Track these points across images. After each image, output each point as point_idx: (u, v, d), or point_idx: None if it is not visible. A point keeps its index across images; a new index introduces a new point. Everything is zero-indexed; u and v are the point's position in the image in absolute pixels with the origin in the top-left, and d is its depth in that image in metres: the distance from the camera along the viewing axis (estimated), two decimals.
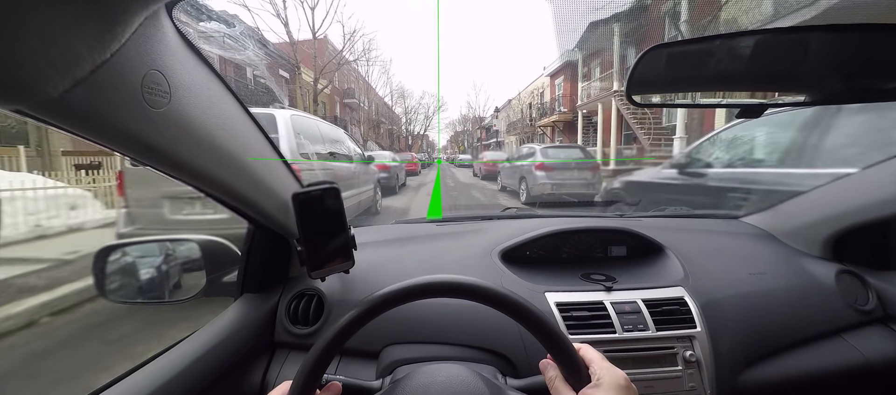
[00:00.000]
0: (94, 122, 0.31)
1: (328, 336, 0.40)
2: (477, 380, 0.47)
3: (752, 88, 0.61)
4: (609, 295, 0.75)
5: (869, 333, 0.79)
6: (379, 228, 1.16)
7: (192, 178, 0.47)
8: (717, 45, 0.56)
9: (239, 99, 0.52)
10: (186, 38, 0.40)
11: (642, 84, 0.61)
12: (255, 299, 0.75)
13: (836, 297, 0.81)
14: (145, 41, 0.33)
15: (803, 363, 0.74)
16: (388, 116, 44.89)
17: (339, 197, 0.62)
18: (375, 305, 0.41)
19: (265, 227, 0.70)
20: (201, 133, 0.43)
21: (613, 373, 0.40)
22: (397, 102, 46.52)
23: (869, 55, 0.52)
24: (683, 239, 0.96)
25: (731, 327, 0.73)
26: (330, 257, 0.63)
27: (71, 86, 0.27)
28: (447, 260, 0.89)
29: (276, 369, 0.70)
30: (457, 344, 0.69)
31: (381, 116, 40.93)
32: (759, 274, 0.84)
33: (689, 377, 0.67)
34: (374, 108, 38.21)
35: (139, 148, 0.37)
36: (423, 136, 57.23)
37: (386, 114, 43.58)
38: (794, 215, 1.03)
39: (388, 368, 0.66)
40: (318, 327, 0.73)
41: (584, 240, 0.96)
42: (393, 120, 46.86)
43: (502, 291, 0.42)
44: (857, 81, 0.54)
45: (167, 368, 0.55)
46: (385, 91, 40.92)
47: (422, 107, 51.63)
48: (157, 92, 0.35)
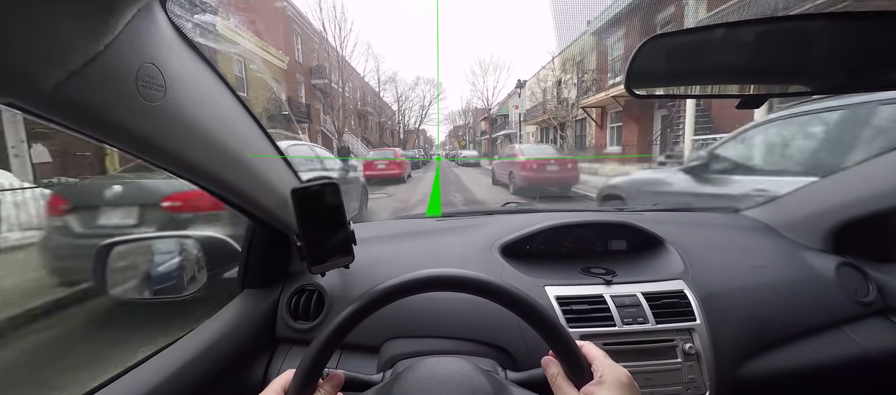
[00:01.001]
0: (88, 116, 0.31)
1: (330, 330, 0.40)
2: (477, 373, 0.47)
3: (755, 78, 0.60)
4: (609, 288, 0.75)
5: (869, 325, 0.80)
6: (379, 223, 1.16)
7: (190, 173, 0.47)
8: (718, 34, 0.56)
9: (236, 94, 0.52)
10: (181, 31, 0.40)
11: (641, 76, 0.60)
12: (256, 295, 0.75)
13: (837, 289, 0.81)
14: (139, 34, 0.33)
15: (803, 355, 0.74)
16: (376, 106, 38.22)
17: (338, 192, 0.62)
18: (376, 299, 0.41)
19: (265, 223, 0.70)
20: (198, 128, 0.43)
21: (616, 371, 0.40)
22: (387, 87, 39.70)
23: (875, 44, 0.51)
24: (683, 233, 0.96)
25: (731, 319, 0.73)
26: (330, 252, 0.63)
27: (64, 79, 0.26)
28: (447, 255, 0.89)
29: (278, 364, 0.71)
30: (457, 338, 0.70)
31: (367, 105, 34.28)
32: (759, 267, 0.84)
33: (689, 369, 0.67)
34: (358, 94, 31.67)
35: (134, 143, 0.37)
36: (420, 131, 51.71)
37: (373, 103, 36.94)
38: (794, 208, 1.03)
39: (389, 362, 0.66)
40: (318, 323, 0.73)
41: (584, 234, 0.96)
42: (381, 110, 40.23)
43: (503, 285, 0.42)
44: (862, 71, 0.53)
45: (170, 363, 0.55)
46: (372, 78, 34.86)
47: (416, 96, 45.02)
48: (152, 85, 0.35)
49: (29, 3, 0.22)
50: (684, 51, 0.59)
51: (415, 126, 46.08)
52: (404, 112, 45.06)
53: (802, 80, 0.59)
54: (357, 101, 31.08)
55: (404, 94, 44.12)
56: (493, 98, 42.24)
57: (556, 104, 19.52)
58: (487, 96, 43.08)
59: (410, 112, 46.03)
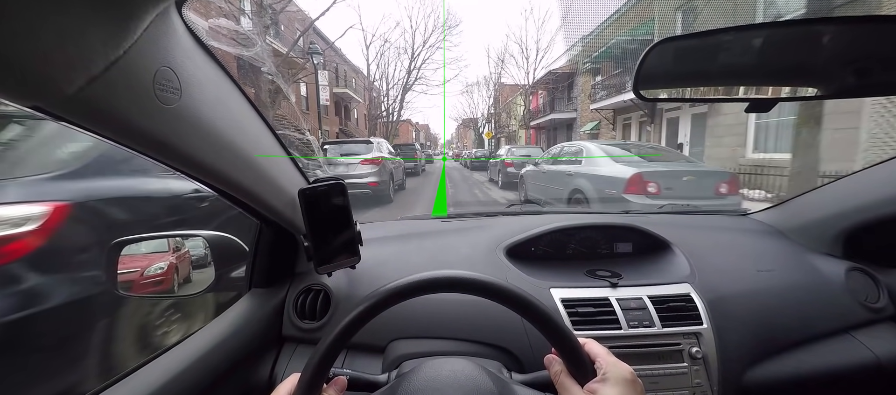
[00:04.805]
0: (108, 118, 0.32)
1: (335, 331, 0.41)
2: (482, 374, 0.47)
3: (763, 81, 0.60)
4: (615, 291, 0.74)
5: (880, 330, 0.78)
6: (384, 224, 1.17)
7: (202, 174, 0.48)
8: (727, 38, 0.56)
9: (247, 96, 0.53)
10: (196, 35, 0.41)
11: (650, 79, 0.60)
12: (263, 294, 0.76)
13: (846, 294, 0.80)
14: (156, 38, 0.33)
15: (812, 361, 0.73)
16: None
17: (345, 193, 0.63)
18: (382, 300, 0.41)
19: (273, 223, 0.71)
20: (211, 129, 0.44)
21: (619, 368, 0.40)
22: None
23: (883, 47, 0.51)
24: (690, 236, 0.95)
25: (738, 324, 0.72)
26: (336, 252, 0.63)
27: (86, 83, 0.27)
28: (452, 256, 0.90)
29: (284, 362, 0.71)
30: (462, 339, 0.70)
31: (347, 87, 20.97)
32: (767, 271, 0.83)
33: (695, 373, 0.67)
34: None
35: (150, 144, 0.38)
36: (422, 127, 32.96)
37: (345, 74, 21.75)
38: (804, 211, 1.02)
39: (394, 362, 0.66)
40: (324, 322, 0.74)
41: (589, 236, 0.95)
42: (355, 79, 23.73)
43: (507, 286, 0.42)
44: (870, 74, 0.53)
45: (178, 361, 0.56)
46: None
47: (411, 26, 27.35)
48: (168, 88, 0.35)
49: (58, 12, 0.23)
50: (693, 54, 0.59)
51: (398, 98, 23.59)
52: (386, 73, 23.83)
53: (811, 83, 0.59)
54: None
55: (385, 36, 27.41)
56: (538, 60, 23.72)
57: None
58: (531, 57, 24.61)
59: (396, 69, 27.12)
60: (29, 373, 1.11)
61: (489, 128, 32.66)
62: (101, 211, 1.39)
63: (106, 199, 1.41)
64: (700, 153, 9.74)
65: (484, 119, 36.05)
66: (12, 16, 0.21)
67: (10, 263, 1.13)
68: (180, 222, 1.64)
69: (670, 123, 11.57)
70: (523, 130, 24.87)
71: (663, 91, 0.67)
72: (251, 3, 9.77)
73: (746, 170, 7.34)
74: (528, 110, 23.35)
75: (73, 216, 1.28)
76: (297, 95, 16.01)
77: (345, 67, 23.27)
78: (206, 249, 0.81)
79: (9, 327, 1.08)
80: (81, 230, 1.31)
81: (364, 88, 23.93)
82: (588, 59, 15.70)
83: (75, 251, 1.28)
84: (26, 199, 1.21)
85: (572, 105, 18.36)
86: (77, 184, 1.35)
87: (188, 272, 1.02)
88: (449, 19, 44.43)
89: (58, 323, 1.19)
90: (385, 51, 26.97)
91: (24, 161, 1.34)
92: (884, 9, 5.50)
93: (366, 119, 24.00)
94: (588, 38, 16.24)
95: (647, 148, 5.38)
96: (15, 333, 1.10)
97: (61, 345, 1.23)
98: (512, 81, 27.76)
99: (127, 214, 1.46)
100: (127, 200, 1.49)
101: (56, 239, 1.21)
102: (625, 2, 13.47)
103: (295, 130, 7.59)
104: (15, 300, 1.11)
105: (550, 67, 20.37)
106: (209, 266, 0.79)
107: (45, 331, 1.17)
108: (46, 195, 1.25)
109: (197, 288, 0.79)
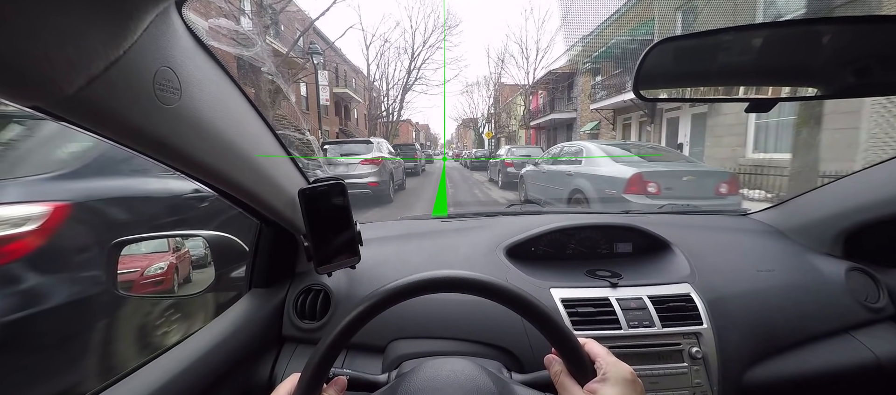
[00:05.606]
0: (108, 118, 0.32)
1: (335, 331, 0.41)
2: (482, 374, 0.47)
3: (763, 81, 0.60)
4: (615, 291, 0.74)
5: (880, 330, 0.79)
6: (384, 224, 1.17)
7: (202, 174, 0.48)
8: (727, 37, 0.56)
9: (247, 96, 0.53)
10: (196, 35, 0.41)
11: (650, 79, 0.60)
12: (263, 294, 0.76)
13: (846, 294, 0.81)
14: (156, 38, 0.33)
15: (812, 361, 0.73)
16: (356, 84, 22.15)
17: (345, 193, 0.63)
18: (382, 300, 0.41)
19: (273, 223, 0.71)
20: (211, 129, 0.44)
21: (619, 367, 0.40)
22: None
23: (883, 47, 0.51)
24: (690, 236, 0.95)
25: (739, 324, 0.72)
26: (336, 252, 0.63)
27: (86, 83, 0.27)
28: (453, 256, 0.90)
29: (284, 362, 0.72)
30: (462, 339, 0.70)
31: (348, 87, 21.00)
32: (767, 271, 0.83)
33: (695, 373, 0.67)
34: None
35: (150, 144, 0.38)
36: (423, 127, 33.73)
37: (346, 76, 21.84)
38: (804, 211, 1.02)
39: (394, 362, 0.66)
40: (324, 322, 0.74)
41: (589, 236, 0.95)
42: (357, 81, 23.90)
43: (507, 286, 0.42)
44: (871, 75, 0.53)
45: (178, 361, 0.56)
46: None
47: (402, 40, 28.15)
48: (168, 88, 0.35)
49: (58, 12, 0.23)
50: (693, 54, 0.59)
51: (398, 98, 23.75)
52: (386, 73, 24.01)
53: (811, 83, 0.59)
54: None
55: (385, 37, 27.77)
56: (538, 60, 24.77)
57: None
58: (530, 57, 25.24)
59: (396, 69, 27.37)
60: (29, 373, 1.12)
61: (489, 128, 32.68)
62: (101, 211, 1.39)
63: (106, 199, 1.42)
64: (700, 153, 9.72)
65: (484, 119, 36.13)
66: (12, 16, 0.21)
67: (10, 263, 1.14)
68: (180, 222, 1.66)
69: (670, 123, 11.48)
70: (523, 130, 24.85)
71: (663, 91, 0.67)
72: (251, 3, 9.87)
73: (746, 170, 7.34)
74: (528, 110, 23.40)
75: (73, 216, 1.28)
76: (297, 95, 16.04)
77: (345, 67, 23.33)
78: (206, 249, 0.81)
79: (9, 327, 1.09)
80: (81, 230, 1.32)
81: (364, 88, 23.97)
82: (588, 60, 15.74)
83: (75, 251, 1.29)
84: (26, 199, 1.21)
85: (572, 105, 18.35)
86: (77, 184, 1.36)
87: (188, 272, 1.04)
88: (449, 19, 44.59)
89: (58, 323, 1.20)
90: (385, 51, 27.66)
91: (24, 161, 1.35)
92: (884, 9, 5.51)
93: (366, 119, 24.07)
94: (588, 38, 16.30)
95: (647, 148, 5.40)
96: (15, 333, 1.10)
97: (61, 345, 1.24)
98: (512, 80, 27.95)
99: (127, 214, 1.47)
100: (127, 200, 1.50)
101: (56, 239, 1.22)
102: (625, 2, 13.53)
103: (295, 130, 7.78)
104: (15, 300, 1.12)
105: (550, 67, 20.53)
106: (209, 266, 0.79)
107: (45, 331, 1.18)
108: (46, 195, 1.25)
109: (197, 288, 0.79)
